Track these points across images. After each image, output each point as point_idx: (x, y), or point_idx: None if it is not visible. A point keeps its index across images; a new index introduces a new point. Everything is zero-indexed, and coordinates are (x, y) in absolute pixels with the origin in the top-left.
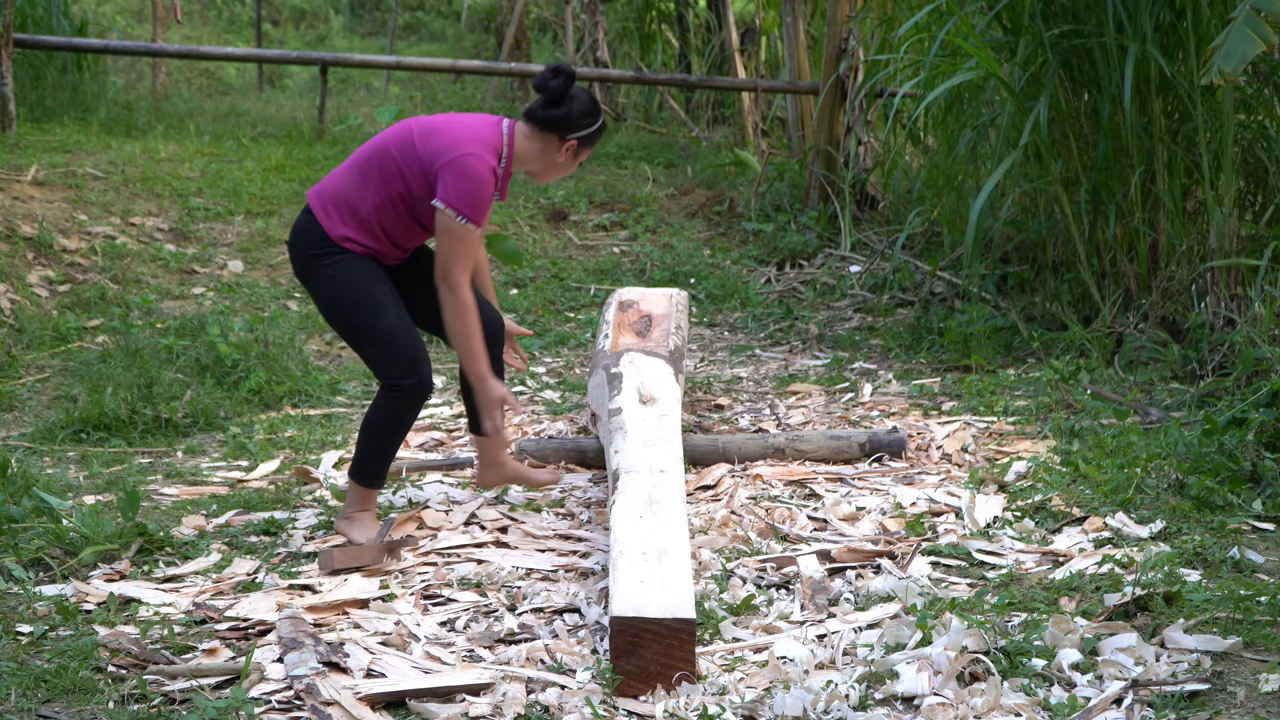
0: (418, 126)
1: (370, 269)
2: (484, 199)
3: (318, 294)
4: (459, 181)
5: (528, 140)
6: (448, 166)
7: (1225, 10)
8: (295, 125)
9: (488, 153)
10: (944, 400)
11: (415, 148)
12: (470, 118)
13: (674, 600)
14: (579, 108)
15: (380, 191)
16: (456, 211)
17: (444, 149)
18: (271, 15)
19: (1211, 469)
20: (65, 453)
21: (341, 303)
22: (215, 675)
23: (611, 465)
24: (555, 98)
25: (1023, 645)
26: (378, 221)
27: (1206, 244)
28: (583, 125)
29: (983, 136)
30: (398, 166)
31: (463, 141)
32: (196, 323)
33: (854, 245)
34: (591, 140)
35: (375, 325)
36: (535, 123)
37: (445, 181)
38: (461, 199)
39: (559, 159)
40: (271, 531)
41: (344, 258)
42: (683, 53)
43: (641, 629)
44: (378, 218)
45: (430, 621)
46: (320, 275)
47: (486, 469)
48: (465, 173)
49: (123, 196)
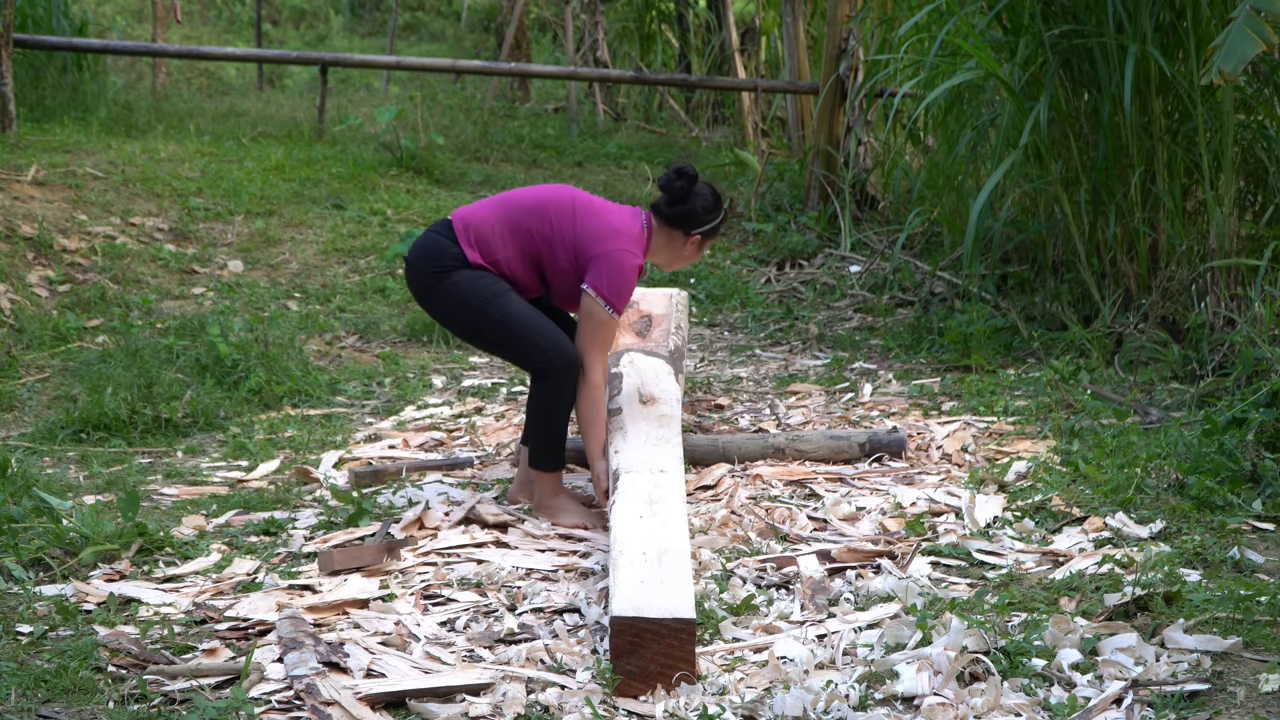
0: (580, 202)
1: (497, 279)
2: (629, 292)
3: (444, 301)
4: (611, 274)
5: (657, 234)
6: (603, 257)
7: (1225, 10)
8: (295, 125)
9: (636, 248)
10: (944, 400)
11: (574, 222)
12: (619, 208)
13: (674, 600)
14: (702, 204)
15: (523, 245)
16: (605, 301)
17: (601, 236)
18: (271, 15)
19: (1211, 469)
20: (65, 453)
21: (470, 302)
22: (215, 675)
23: (612, 465)
24: (680, 197)
25: (1023, 645)
26: (509, 270)
27: (1206, 244)
28: (706, 221)
29: (983, 136)
30: (551, 231)
31: (618, 235)
32: (196, 323)
33: (854, 245)
34: (714, 233)
35: (506, 317)
36: (663, 219)
37: (598, 270)
38: (611, 290)
39: (684, 252)
40: (271, 531)
41: (473, 271)
42: (683, 53)
43: (642, 629)
44: (510, 266)
45: (430, 621)
46: (447, 284)
47: (539, 509)
48: (618, 266)
49: (123, 196)
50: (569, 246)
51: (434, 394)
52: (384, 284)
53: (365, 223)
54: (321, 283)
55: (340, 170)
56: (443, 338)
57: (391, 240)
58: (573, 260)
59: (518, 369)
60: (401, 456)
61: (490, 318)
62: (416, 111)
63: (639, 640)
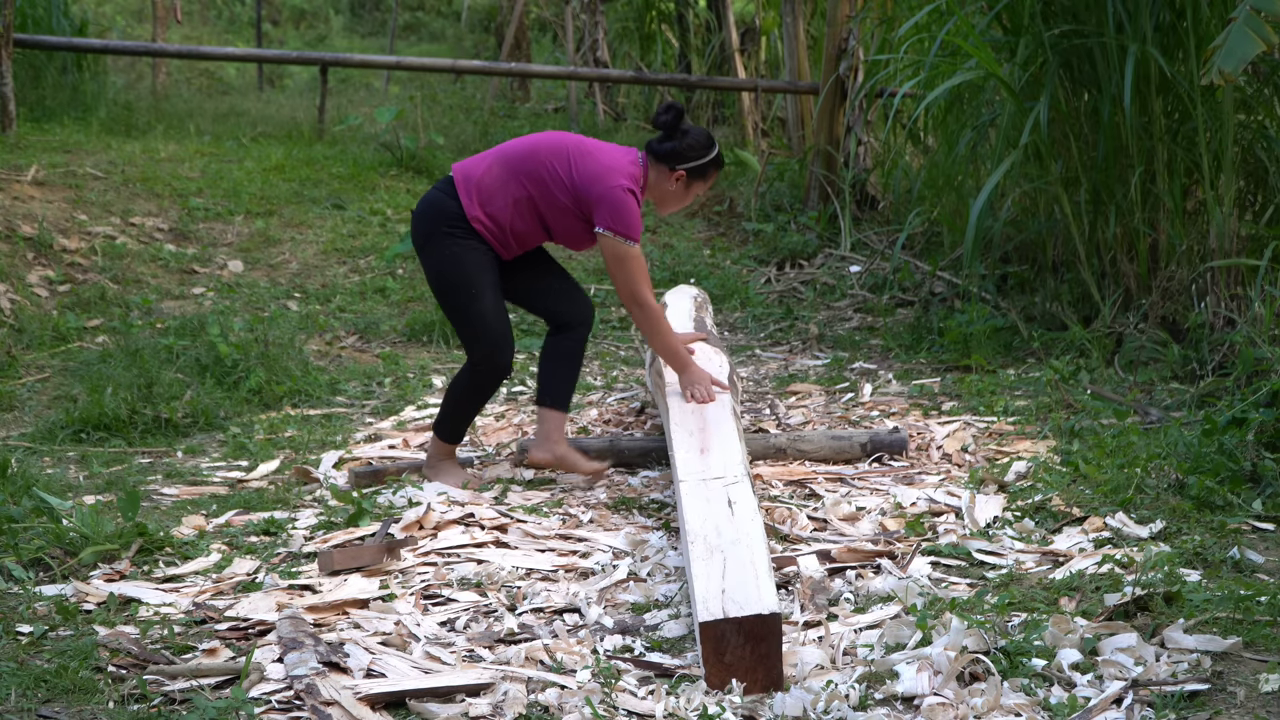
0: (573, 144)
1: (481, 259)
2: (637, 220)
3: (430, 264)
4: (615, 209)
5: (651, 170)
6: (604, 195)
7: (1225, 10)
8: (295, 125)
9: (632, 183)
10: (944, 400)
11: (570, 163)
12: (613, 148)
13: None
14: (689, 142)
15: (520, 190)
16: (616, 233)
17: (597, 176)
18: (271, 15)
19: (1211, 469)
20: (65, 453)
21: (447, 281)
22: (215, 675)
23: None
24: (667, 132)
25: (1023, 645)
26: (508, 217)
27: (1206, 244)
28: (690, 158)
29: (983, 136)
30: (547, 173)
31: (613, 172)
32: (196, 323)
33: (854, 245)
34: (701, 173)
35: (469, 309)
36: (653, 155)
37: (602, 210)
38: (620, 223)
39: (670, 188)
40: (271, 531)
41: (464, 242)
42: (683, 53)
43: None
44: (509, 213)
45: (430, 621)
46: (438, 249)
47: (540, 445)
48: (620, 201)
49: (123, 196)
50: (567, 188)
51: (434, 394)
52: (384, 284)
53: (365, 223)
54: (321, 283)
55: (340, 170)
56: (442, 338)
57: (391, 240)
58: (573, 200)
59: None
60: (401, 456)
61: (458, 297)
62: (416, 111)
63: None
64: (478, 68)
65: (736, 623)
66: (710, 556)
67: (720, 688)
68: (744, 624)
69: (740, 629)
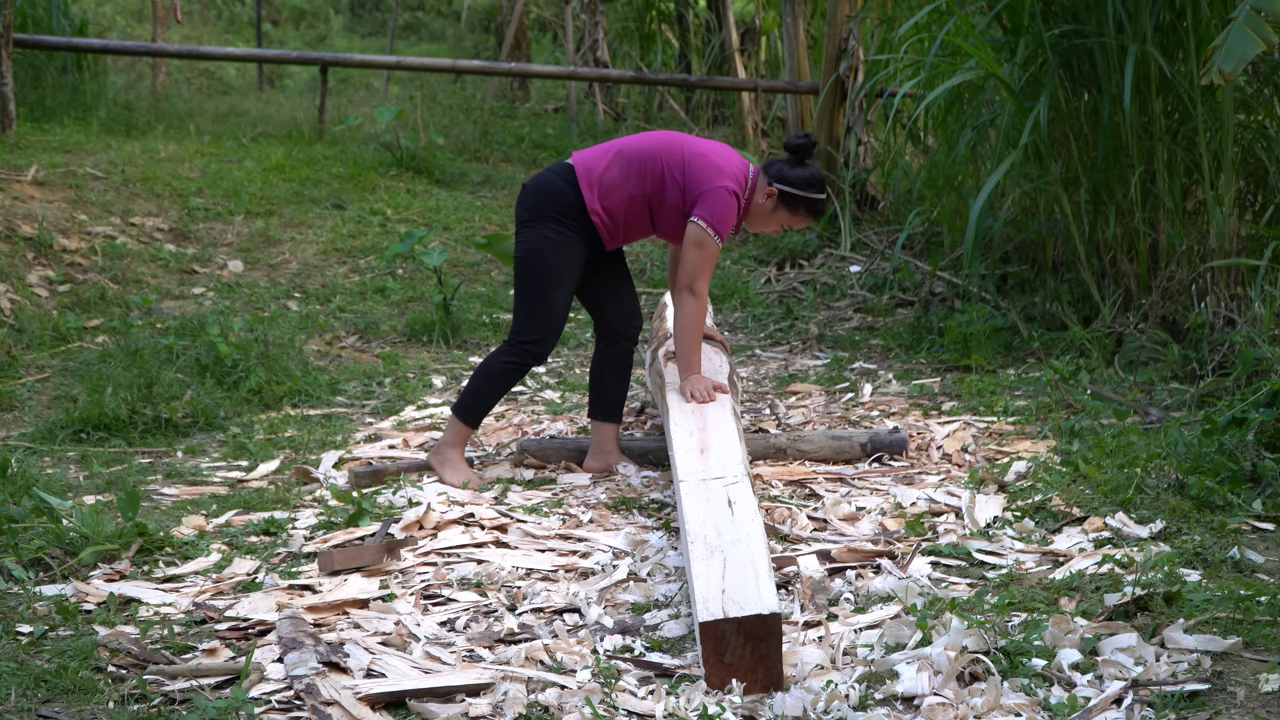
0: (689, 146)
1: (578, 256)
2: (732, 219)
3: (529, 240)
4: (715, 206)
5: (758, 182)
6: (710, 192)
7: (1225, 10)
8: (295, 125)
9: (738, 186)
10: (944, 400)
11: (684, 163)
12: (725, 150)
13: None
14: (800, 171)
15: (638, 187)
16: (709, 226)
17: (707, 176)
18: (271, 15)
19: (1211, 469)
20: (65, 453)
21: (542, 261)
22: (215, 675)
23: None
24: (791, 154)
25: (1023, 645)
26: (624, 211)
27: (1206, 244)
28: (790, 182)
29: (983, 136)
30: (663, 173)
31: (722, 173)
32: (196, 323)
33: (854, 245)
34: (793, 203)
35: (547, 294)
36: (764, 169)
37: (705, 204)
38: (716, 219)
39: (761, 202)
40: (271, 531)
41: (570, 234)
42: (683, 53)
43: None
44: (625, 208)
45: (430, 621)
46: (542, 230)
47: (596, 455)
48: (722, 200)
49: (123, 196)
50: (679, 185)
51: (434, 394)
52: (384, 284)
53: (365, 223)
54: (321, 283)
55: (340, 170)
56: (442, 337)
57: (391, 240)
58: (681, 197)
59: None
60: (401, 456)
61: (543, 280)
62: (416, 111)
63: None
64: (478, 68)
65: (736, 623)
66: (710, 556)
67: (720, 688)
68: (744, 624)
69: (740, 629)
